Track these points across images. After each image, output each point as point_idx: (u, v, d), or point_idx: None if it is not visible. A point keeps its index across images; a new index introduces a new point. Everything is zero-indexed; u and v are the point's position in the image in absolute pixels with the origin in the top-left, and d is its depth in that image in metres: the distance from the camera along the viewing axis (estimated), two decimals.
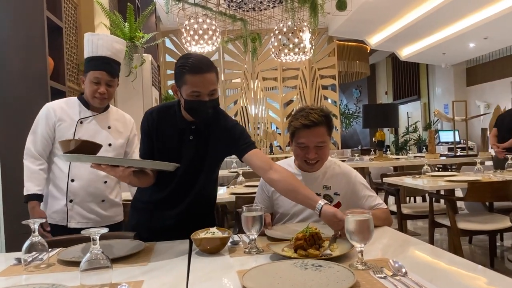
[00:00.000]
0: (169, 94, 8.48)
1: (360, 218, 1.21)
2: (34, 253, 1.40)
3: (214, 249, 1.46)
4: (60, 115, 2.04)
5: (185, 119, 1.71)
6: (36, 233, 1.40)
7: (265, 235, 1.63)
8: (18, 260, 1.42)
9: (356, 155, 5.84)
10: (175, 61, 9.69)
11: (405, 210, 3.72)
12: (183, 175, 1.71)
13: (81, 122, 2.06)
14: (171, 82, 9.58)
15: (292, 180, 1.62)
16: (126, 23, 4.33)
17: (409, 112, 12.84)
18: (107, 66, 2.04)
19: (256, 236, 1.46)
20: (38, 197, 1.98)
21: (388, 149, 9.94)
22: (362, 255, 1.23)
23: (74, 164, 2.02)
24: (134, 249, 1.48)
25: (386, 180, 3.80)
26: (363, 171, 4.64)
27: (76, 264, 1.28)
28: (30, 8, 2.60)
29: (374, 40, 9.65)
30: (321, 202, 1.50)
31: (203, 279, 1.21)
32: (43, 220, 1.47)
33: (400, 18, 8.29)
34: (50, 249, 1.54)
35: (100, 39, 2.05)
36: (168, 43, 9.44)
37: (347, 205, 1.81)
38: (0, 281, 1.27)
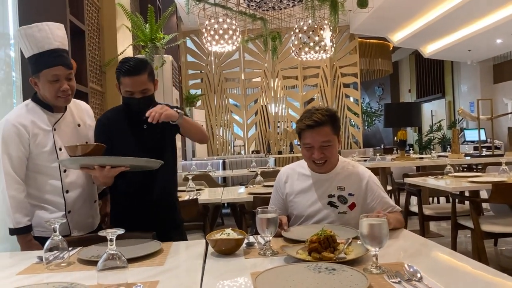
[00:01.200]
0: (190, 93, 8.57)
1: (374, 222, 1.20)
2: (55, 252, 1.44)
3: (229, 250, 1.47)
4: (33, 130, 1.81)
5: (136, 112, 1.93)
6: (57, 232, 1.44)
7: (282, 236, 1.64)
8: (40, 258, 1.47)
9: (378, 154, 5.76)
10: (196, 61, 9.81)
11: (427, 211, 3.64)
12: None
13: (55, 129, 1.88)
14: (192, 81, 9.69)
15: None
16: (147, 25, 4.40)
17: (433, 110, 12.57)
18: (61, 59, 1.82)
19: (270, 238, 1.47)
20: (30, 228, 1.80)
21: (411, 148, 9.75)
22: (376, 259, 1.22)
23: (65, 174, 1.88)
24: (151, 249, 1.51)
25: (407, 180, 3.74)
26: (384, 171, 4.58)
27: (95, 263, 1.29)
28: (54, 12, 2.67)
29: (396, 37, 9.48)
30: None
31: (217, 280, 1.23)
32: (64, 220, 1.51)
33: (424, 14, 8.11)
34: (70, 248, 1.59)
35: (40, 31, 1.80)
36: (190, 43, 9.53)
37: (362, 205, 1.81)
38: (22, 279, 1.32)
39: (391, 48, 11.17)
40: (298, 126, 1.81)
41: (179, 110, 1.79)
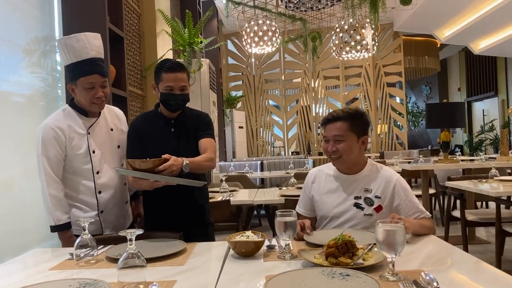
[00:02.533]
0: (231, 95, 8.69)
1: (389, 228, 1.17)
2: (86, 249, 1.52)
3: (248, 252, 1.49)
4: (69, 133, 1.93)
5: (165, 115, 2.09)
6: (86, 231, 1.52)
7: (304, 240, 1.64)
8: (72, 255, 1.56)
9: (421, 156, 5.56)
10: (237, 63, 9.92)
11: (470, 217, 3.47)
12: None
13: (89, 133, 1.98)
14: (233, 83, 9.82)
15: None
16: (185, 29, 4.51)
17: (485, 110, 11.92)
18: (97, 68, 1.93)
19: (289, 241, 1.47)
20: (69, 225, 1.90)
21: (457, 150, 9.30)
22: (393, 266, 1.19)
23: (97, 176, 1.98)
24: (174, 249, 1.56)
25: (449, 184, 3.59)
26: (426, 174, 4.41)
27: None
28: (95, 21, 2.81)
29: (444, 34, 9.09)
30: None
31: (231, 282, 1.25)
32: (92, 220, 1.60)
33: (473, 9, 7.72)
34: (101, 246, 1.68)
35: (78, 41, 1.91)
36: (231, 46, 9.66)
37: (389, 208, 1.79)
38: (53, 274, 1.41)
39: (438, 45, 10.72)
40: (322, 120, 1.92)
41: (185, 163, 1.85)
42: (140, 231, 1.25)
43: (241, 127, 8.68)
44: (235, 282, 1.25)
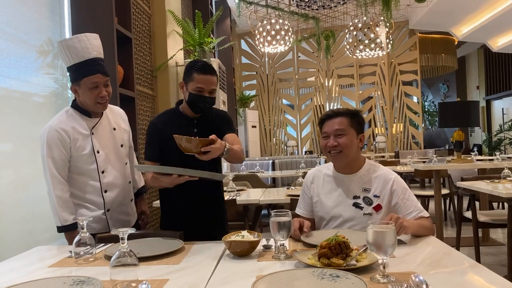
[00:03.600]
0: (244, 94, 8.70)
1: (377, 230, 1.15)
2: (85, 247, 1.55)
3: (243, 252, 1.49)
4: (73, 134, 1.95)
5: (187, 115, 2.06)
6: (85, 229, 1.55)
7: (301, 241, 1.63)
8: (72, 253, 1.59)
9: (435, 156, 5.47)
10: (251, 62, 9.92)
11: (482, 218, 3.40)
12: (193, 165, 1.83)
13: (93, 133, 2.01)
14: (246, 83, 9.83)
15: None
16: (196, 30, 4.53)
17: (504, 108, 11.63)
18: (99, 67, 1.95)
19: (284, 241, 1.47)
20: (75, 226, 1.90)
21: (475, 149, 9.10)
22: (384, 267, 1.18)
23: (103, 175, 2.01)
24: (170, 248, 1.57)
25: (460, 184, 3.52)
26: (438, 174, 4.32)
27: None
28: (102, 23, 2.86)
29: (461, 31, 8.90)
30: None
31: (222, 282, 1.25)
32: (91, 218, 1.63)
33: (490, 5, 7.54)
34: (103, 244, 1.71)
35: (80, 41, 1.93)
36: (244, 45, 9.67)
37: (388, 207, 1.79)
38: (52, 271, 1.44)
39: (456, 43, 10.51)
40: (320, 118, 1.91)
41: (226, 147, 1.84)
42: (132, 230, 1.27)
43: (254, 127, 8.69)
44: (226, 282, 1.25)
